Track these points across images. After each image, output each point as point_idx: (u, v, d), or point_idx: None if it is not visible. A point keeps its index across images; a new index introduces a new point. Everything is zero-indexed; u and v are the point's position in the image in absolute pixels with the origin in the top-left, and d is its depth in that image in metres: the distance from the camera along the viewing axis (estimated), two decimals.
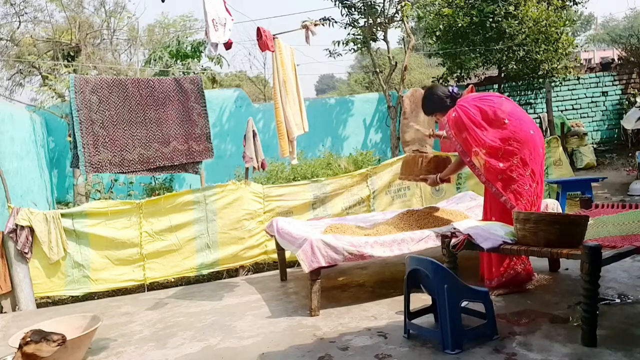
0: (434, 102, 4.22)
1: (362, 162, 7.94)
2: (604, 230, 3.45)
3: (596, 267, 2.79)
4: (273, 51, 4.83)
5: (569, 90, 12.43)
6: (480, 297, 3.13)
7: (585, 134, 11.75)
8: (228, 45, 4.52)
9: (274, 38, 4.83)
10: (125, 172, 5.22)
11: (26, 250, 4.79)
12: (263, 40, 4.69)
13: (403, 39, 15.10)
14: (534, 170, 3.82)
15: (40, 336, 2.88)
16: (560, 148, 7.10)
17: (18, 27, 13.84)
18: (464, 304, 3.21)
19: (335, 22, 10.20)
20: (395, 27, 10.64)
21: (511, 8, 10.05)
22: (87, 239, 5.03)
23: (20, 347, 2.84)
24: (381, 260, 4.46)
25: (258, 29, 4.65)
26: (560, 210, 4.81)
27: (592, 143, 12.18)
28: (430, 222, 4.33)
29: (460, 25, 10.24)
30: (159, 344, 3.60)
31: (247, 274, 5.55)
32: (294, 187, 5.83)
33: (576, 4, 11.97)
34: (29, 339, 2.85)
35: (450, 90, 4.15)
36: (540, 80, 11.34)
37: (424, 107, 4.34)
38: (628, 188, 7.87)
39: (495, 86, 12.00)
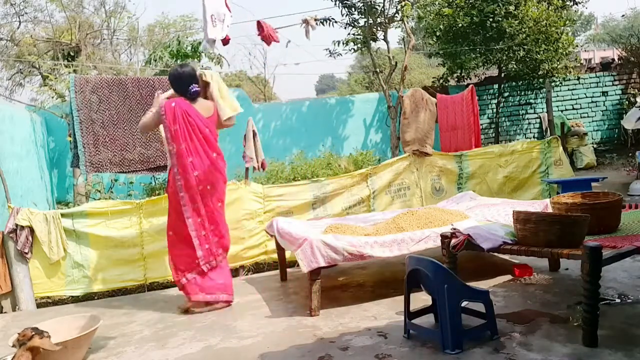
0: None
1: (362, 162, 7.93)
2: None
3: (597, 267, 2.79)
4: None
5: (569, 90, 12.43)
6: (480, 297, 3.13)
7: (585, 134, 11.75)
8: (226, 42, 4.50)
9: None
10: (126, 172, 5.23)
11: (26, 250, 4.78)
12: (266, 33, 4.65)
13: (403, 39, 15.12)
14: None
15: (40, 331, 2.93)
16: (560, 148, 7.09)
17: (18, 27, 13.86)
18: (464, 304, 3.21)
19: (335, 22, 10.18)
20: (395, 27, 10.63)
21: (511, 8, 10.04)
22: (87, 239, 5.02)
23: (23, 344, 2.85)
24: (381, 260, 4.46)
25: (258, 22, 4.62)
26: None
27: (592, 143, 12.18)
28: (430, 222, 4.32)
29: (460, 25, 10.24)
30: (159, 344, 3.59)
31: (247, 274, 5.54)
32: (294, 187, 5.83)
33: (576, 4, 11.97)
34: (33, 333, 2.87)
35: None
36: (541, 80, 11.34)
37: None
38: (628, 188, 7.87)
39: (496, 86, 12.00)
